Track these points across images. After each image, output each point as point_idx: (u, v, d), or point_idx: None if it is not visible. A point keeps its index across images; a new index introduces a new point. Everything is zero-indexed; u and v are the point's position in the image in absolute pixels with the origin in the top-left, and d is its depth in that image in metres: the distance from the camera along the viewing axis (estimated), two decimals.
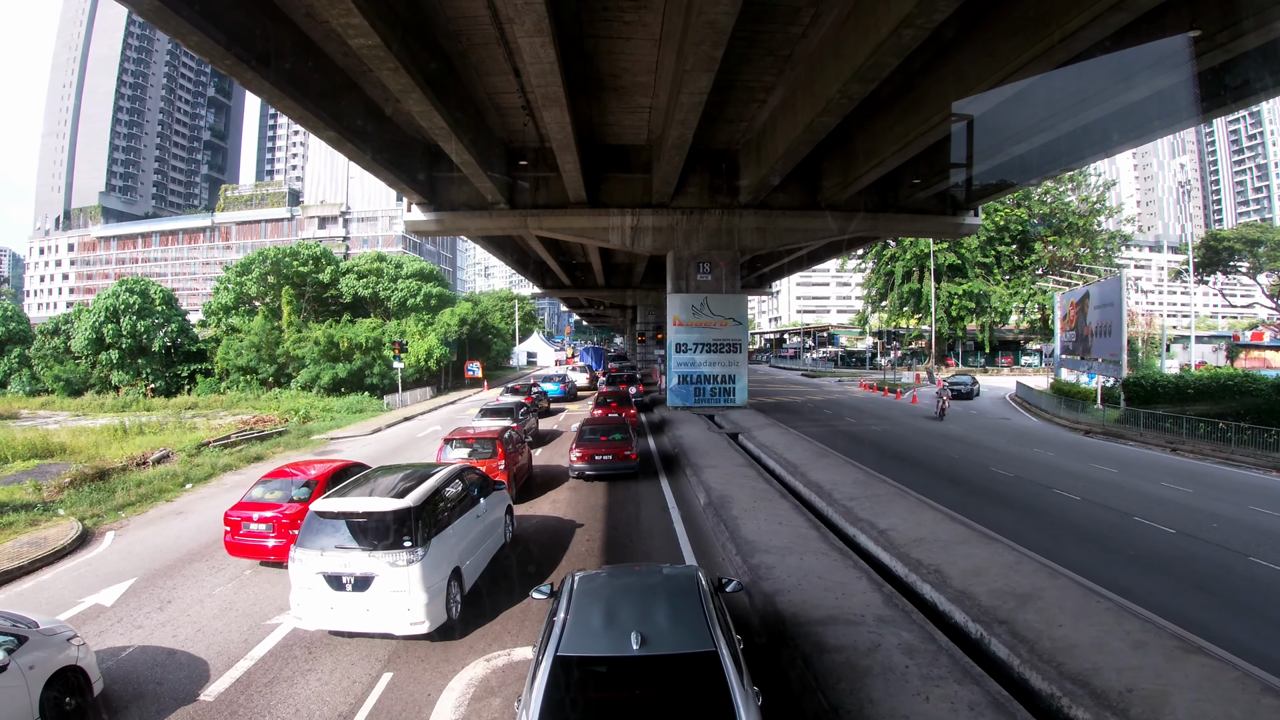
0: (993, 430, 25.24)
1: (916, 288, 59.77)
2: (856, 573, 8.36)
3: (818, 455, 15.52)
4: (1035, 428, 27.15)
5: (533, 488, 14.10)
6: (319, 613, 6.89)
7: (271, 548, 9.18)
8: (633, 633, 4.27)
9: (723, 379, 24.04)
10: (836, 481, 12.95)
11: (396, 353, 30.80)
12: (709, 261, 23.77)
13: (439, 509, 7.75)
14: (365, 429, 24.09)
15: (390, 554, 6.83)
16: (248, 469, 18.42)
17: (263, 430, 23.34)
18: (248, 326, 38.64)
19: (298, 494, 9.62)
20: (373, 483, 8.10)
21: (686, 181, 23.05)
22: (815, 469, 14.05)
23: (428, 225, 24.09)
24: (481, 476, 9.68)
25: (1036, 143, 20.72)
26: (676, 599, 4.78)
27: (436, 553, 7.19)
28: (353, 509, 7.21)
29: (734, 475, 13.57)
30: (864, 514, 10.85)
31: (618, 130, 21.72)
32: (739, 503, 11.51)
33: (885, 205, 25.73)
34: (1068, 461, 18.87)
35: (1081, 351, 35.00)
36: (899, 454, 18.99)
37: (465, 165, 19.25)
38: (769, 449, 16.36)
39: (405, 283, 44.69)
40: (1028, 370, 66.19)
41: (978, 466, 17.46)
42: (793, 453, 15.83)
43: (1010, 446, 21.34)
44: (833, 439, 19.81)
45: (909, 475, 15.16)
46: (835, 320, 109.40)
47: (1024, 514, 13.11)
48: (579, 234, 23.74)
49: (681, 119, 15.30)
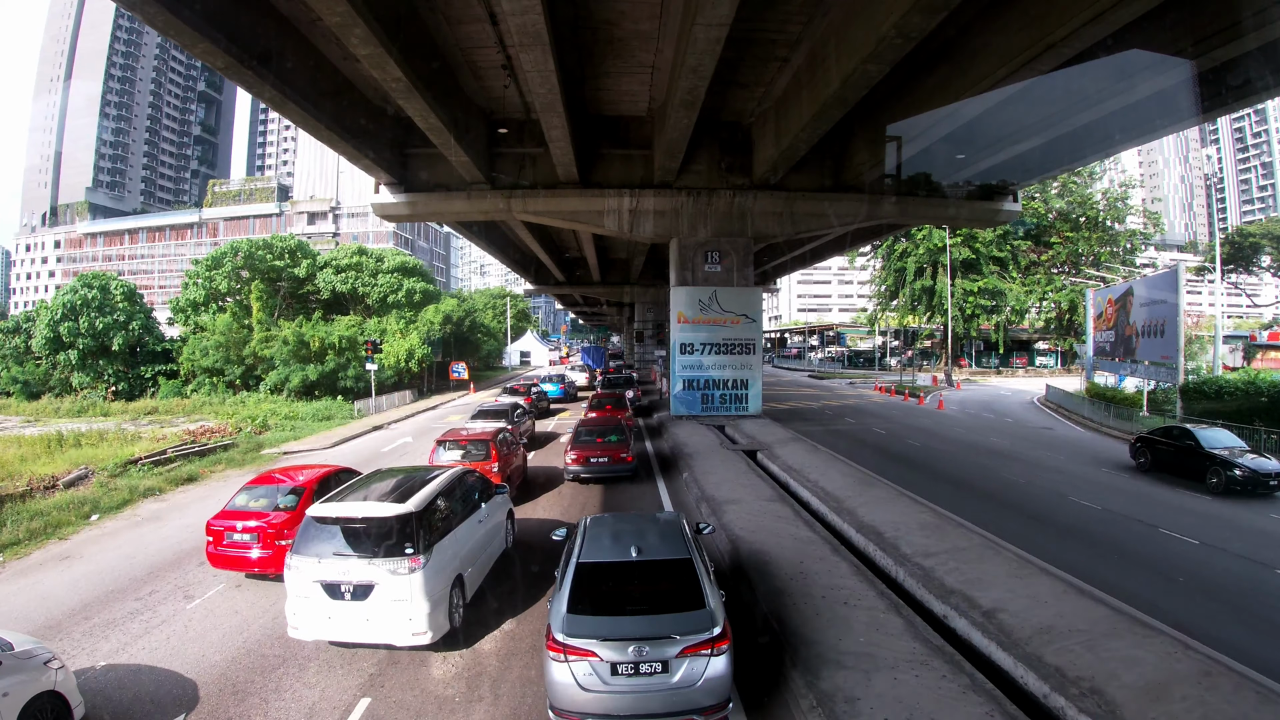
0: (1040, 443, 22.30)
1: (929, 284, 56.83)
2: (979, 700, 5.42)
3: (862, 484, 12.54)
4: (1084, 440, 24.21)
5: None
6: (316, 623, 6.69)
7: (256, 559, 8.79)
8: (632, 546, 6.05)
9: (734, 384, 21.07)
10: (899, 525, 9.98)
11: (369, 353, 27.79)
12: (718, 250, 20.80)
13: (441, 514, 7.57)
14: (326, 440, 21.09)
15: (390, 561, 6.66)
16: (174, 493, 15.50)
17: (206, 443, 20.32)
18: (212, 325, 35.56)
19: (284, 501, 9.24)
20: (372, 486, 7.94)
21: (693, 158, 20.08)
22: (865, 504, 11.09)
23: (397, 209, 21.11)
24: (483, 479, 9.44)
25: (1083, 120, 18.02)
26: (664, 530, 6.53)
27: (438, 560, 7.05)
28: (351, 514, 7.02)
29: (764, 516, 10.59)
30: (953, 580, 7.90)
31: (614, 98, 18.76)
32: (780, 565, 8.53)
33: (916, 188, 22.84)
34: (1142, 485, 15.95)
35: (1122, 353, 32.09)
36: (954, 479, 16.00)
37: (434, 133, 16.26)
38: (799, 474, 13.39)
39: (386, 277, 41.53)
40: (1043, 372, 63.40)
41: (1054, 496, 14.49)
42: (830, 479, 12.86)
43: (1075, 467, 18.39)
44: (868, 458, 16.85)
45: (977, 509, 12.21)
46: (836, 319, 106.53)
47: (1144, 570, 10.15)
48: (570, 218, 20.74)
49: (694, 65, 12.31)
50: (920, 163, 21.94)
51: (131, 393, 38.88)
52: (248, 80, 13.41)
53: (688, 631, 5.32)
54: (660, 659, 5.24)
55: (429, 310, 40.65)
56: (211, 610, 8.38)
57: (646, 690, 5.25)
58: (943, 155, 21.62)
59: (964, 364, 61.94)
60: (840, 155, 21.05)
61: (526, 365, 74.12)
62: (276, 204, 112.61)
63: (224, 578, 9.37)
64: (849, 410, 28.73)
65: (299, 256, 41.58)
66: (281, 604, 7.28)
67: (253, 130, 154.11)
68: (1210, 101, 14.96)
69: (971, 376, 54.22)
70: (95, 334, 38.37)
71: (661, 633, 5.31)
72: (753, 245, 21.36)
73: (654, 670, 5.25)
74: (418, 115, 15.10)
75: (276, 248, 41.32)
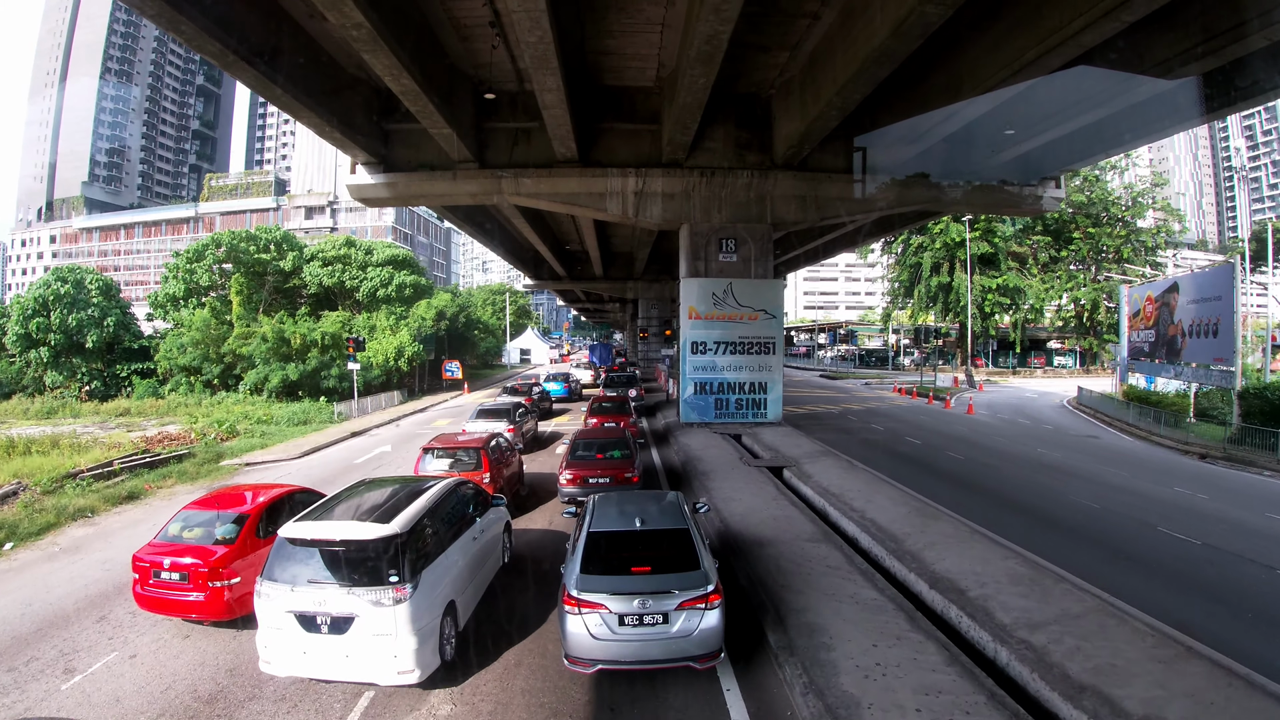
0: (1093, 455, 20.06)
1: (946, 281, 54.43)
2: None
3: (919, 515, 10.29)
4: (1137, 451, 21.93)
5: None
6: (290, 658, 5.99)
7: (194, 603, 7.40)
8: (636, 518, 6.68)
9: (751, 388, 18.82)
10: (983, 579, 7.76)
11: (351, 351, 25.59)
12: (734, 237, 18.55)
13: (430, 534, 6.78)
14: (295, 450, 18.90)
15: (372, 591, 5.91)
16: (107, 515, 13.38)
17: (160, 453, 18.16)
18: (189, 321, 33.36)
19: (223, 532, 7.82)
20: (354, 501, 7.17)
21: (706, 134, 17.85)
22: (931, 546, 8.85)
23: (376, 191, 18.89)
24: (477, 491, 8.70)
25: (1127, 102, 15.85)
26: (664, 505, 7.20)
27: (428, 587, 6.27)
28: (328, 535, 6.25)
29: (808, 564, 8.35)
30: (1077, 669, 5.80)
31: (618, 64, 16.53)
32: (848, 650, 6.29)
33: (952, 171, 20.58)
34: (1231, 508, 13.71)
35: (1164, 354, 29.79)
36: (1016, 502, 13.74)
37: (409, 98, 14.04)
38: (839, 500, 11.15)
39: (375, 271, 39.18)
40: (1062, 372, 61.05)
41: (1138, 526, 12.24)
42: (878, 508, 10.62)
43: (1144, 484, 16.12)
44: (909, 474, 14.63)
45: (1057, 546, 10.07)
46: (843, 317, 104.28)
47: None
48: (568, 201, 18.49)
49: (716, 3, 10.05)
50: (956, 144, 19.69)
51: (107, 392, 36.79)
52: (190, 33, 11.21)
53: (686, 588, 5.92)
54: (661, 611, 5.85)
55: (421, 305, 38.35)
56: (117, 678, 6.56)
57: (649, 639, 5.84)
58: (981, 135, 19.37)
59: (980, 363, 59.56)
60: (867, 134, 18.78)
61: (527, 363, 71.93)
62: (273, 198, 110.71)
63: (155, 626, 7.75)
64: (873, 415, 26.45)
65: (285, 249, 39.34)
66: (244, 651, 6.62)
67: (251, 125, 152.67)
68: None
69: (990, 377, 51.87)
70: (68, 331, 36.27)
71: (663, 588, 5.92)
72: (772, 232, 19.11)
73: (656, 621, 5.84)
74: (388, 74, 12.87)
75: (261, 240, 39.11)
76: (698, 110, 14.35)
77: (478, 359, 59.71)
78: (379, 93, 17.77)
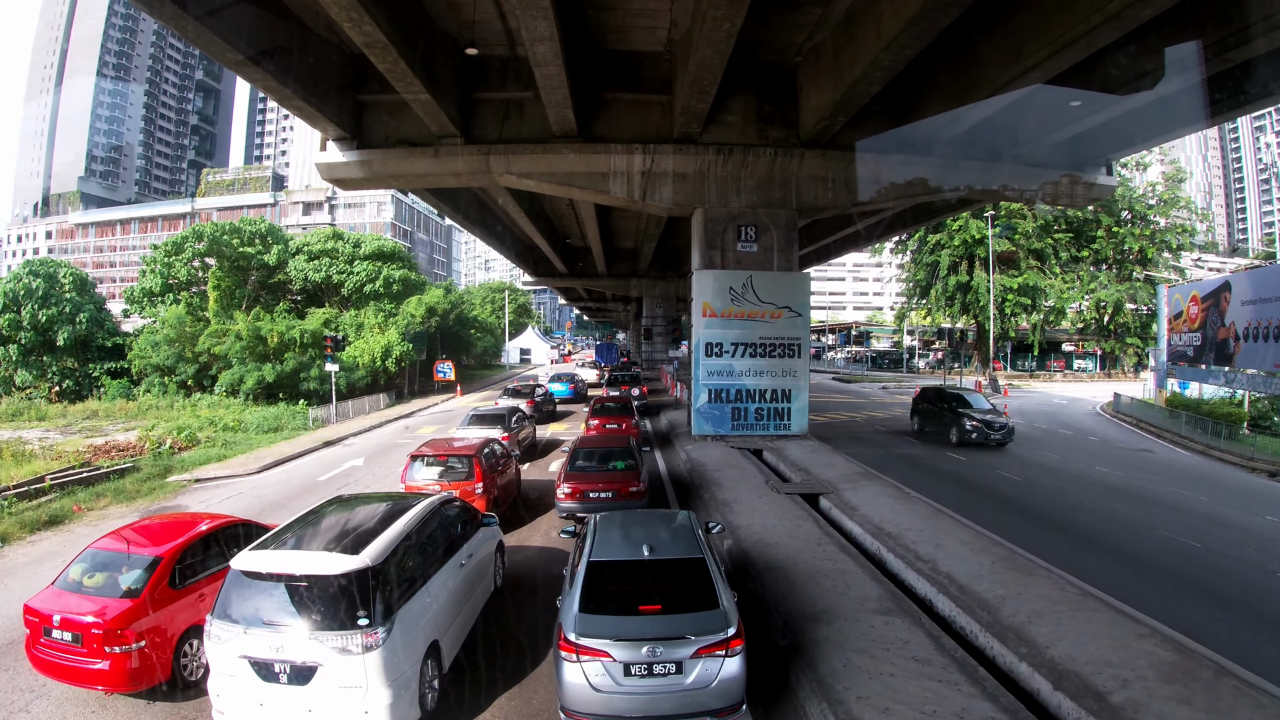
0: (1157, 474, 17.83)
1: (965, 280, 52.04)
2: None
3: (1009, 568, 8.04)
4: (1202, 468, 19.65)
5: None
6: (245, 710, 5.19)
7: (92, 672, 5.84)
8: (643, 545, 5.80)
9: (773, 395, 16.55)
10: (1123, 671, 5.56)
11: (329, 351, 23.41)
12: (754, 224, 16.33)
13: (410, 564, 5.90)
14: (256, 462, 16.71)
15: (338, 636, 5.02)
16: (17, 547, 11.38)
17: (101, 466, 16.01)
18: (162, 317, 31.19)
19: (128, 580, 6.24)
20: (323, 523, 6.18)
21: (724, 105, 15.62)
22: (1038, 618, 6.59)
23: (348, 171, 16.72)
24: (466, 509, 7.74)
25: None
26: (675, 529, 6.37)
27: (406, 628, 5.41)
28: (286, 568, 5.35)
29: (885, 652, 6.11)
30: None
31: (623, 23, 14.32)
32: None
33: (995, 151, 18.37)
34: None
35: (1213, 358, 27.52)
36: (1096, 538, 11.50)
37: (375, 51, 11.84)
38: (898, 542, 8.90)
39: (362, 265, 36.92)
40: (1082, 376, 58.69)
41: (1255, 571, 10.03)
42: (951, 555, 8.37)
43: (1235, 513, 13.87)
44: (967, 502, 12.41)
45: (1166, 602, 7.89)
46: (851, 317, 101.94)
47: None
48: (566, 182, 16.26)
49: None
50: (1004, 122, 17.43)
51: (80, 393, 34.69)
52: None
53: (702, 632, 5.14)
54: (674, 660, 5.09)
55: (411, 302, 36.06)
56: None
57: (659, 692, 5.10)
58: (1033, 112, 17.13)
59: (998, 366, 57.21)
60: (905, 108, 16.56)
61: (527, 364, 69.73)
62: (271, 194, 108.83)
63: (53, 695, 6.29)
64: (902, 425, 24.12)
65: (270, 242, 37.16)
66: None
67: (251, 120, 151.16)
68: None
69: (1010, 381, 49.48)
70: (39, 327, 34.18)
71: (676, 633, 5.13)
72: (797, 219, 16.87)
73: (668, 671, 5.08)
74: (346, 19, 10.66)
75: (245, 232, 36.90)
76: (719, 66, 12.10)
77: (475, 359, 57.50)
78: (353, 59, 15.59)
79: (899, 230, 34.74)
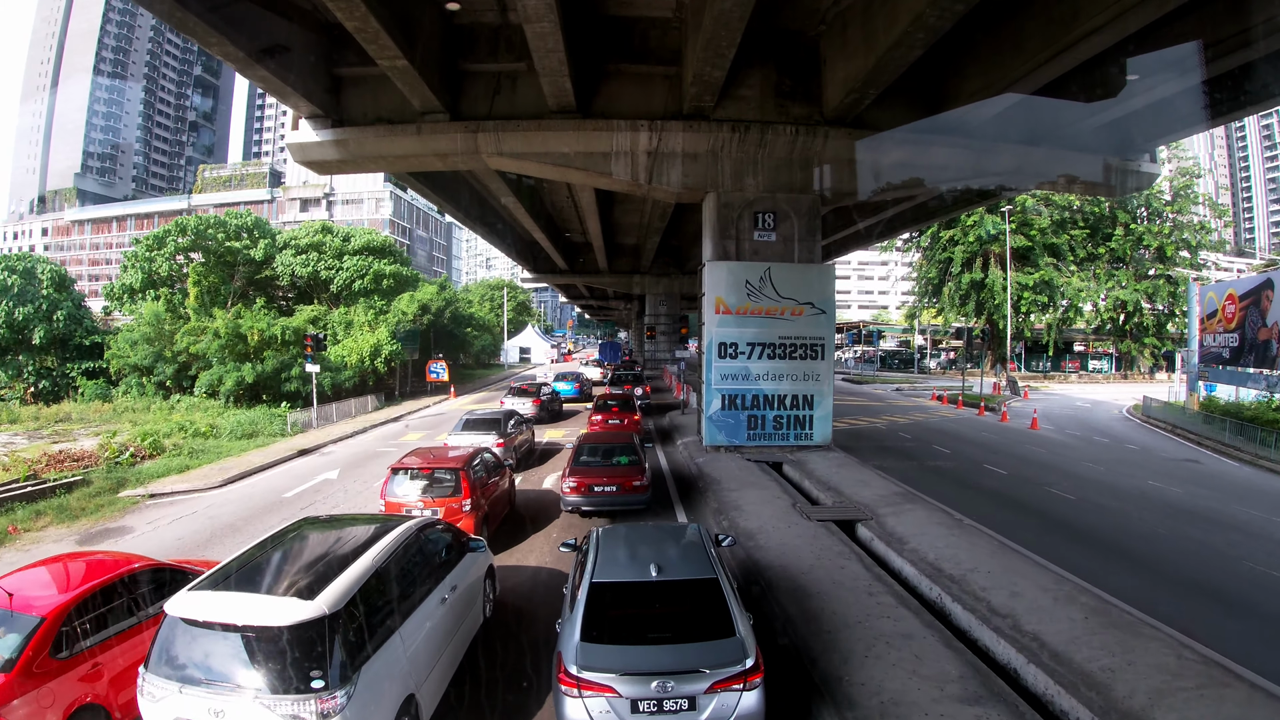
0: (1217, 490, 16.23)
1: (979, 277, 50.31)
2: None
3: (1106, 624, 6.39)
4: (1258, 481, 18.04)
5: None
6: None
7: None
8: (651, 564, 5.29)
9: (794, 402, 14.90)
10: None
11: (309, 350, 21.78)
12: (773, 211, 14.68)
13: (381, 604, 4.95)
14: (220, 475, 15.09)
15: (289, 701, 4.12)
16: None
17: (49, 479, 14.40)
18: (139, 315, 29.59)
19: (5, 648, 4.85)
20: (280, 553, 5.29)
21: (739, 78, 13.99)
22: (1159, 700, 4.96)
23: (323, 152, 15.13)
24: (450, 533, 6.77)
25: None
26: (684, 545, 5.89)
27: (373, 686, 4.46)
28: (228, 615, 4.37)
29: None
30: None
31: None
32: None
33: (1036, 136, 16.73)
34: None
35: (1252, 360, 25.90)
36: (1184, 578, 9.89)
37: (339, 3, 10.19)
38: (963, 588, 7.26)
39: (352, 260, 35.28)
40: (1098, 377, 57.05)
41: None
42: (1032, 607, 6.73)
43: None
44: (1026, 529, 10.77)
45: None
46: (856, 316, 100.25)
47: None
48: (562, 163, 14.61)
49: None
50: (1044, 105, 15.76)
51: (56, 393, 33.15)
52: None
53: (717, 664, 4.62)
54: (686, 695, 4.54)
55: (403, 299, 34.42)
56: None
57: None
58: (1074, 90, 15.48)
59: (1012, 367, 55.51)
60: (938, 86, 14.93)
61: (526, 363, 68.07)
62: (268, 190, 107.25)
63: None
64: (926, 431, 22.44)
65: (256, 236, 35.53)
66: None
67: (249, 116, 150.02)
68: None
69: (1026, 382, 47.79)
70: (14, 325, 32.62)
71: (688, 665, 4.60)
72: (820, 205, 15.20)
73: (679, 708, 4.54)
74: None
75: (231, 225, 35.27)
76: (739, 22, 10.42)
77: (472, 358, 55.87)
78: (328, 28, 13.99)
79: (922, 222, 32.98)
